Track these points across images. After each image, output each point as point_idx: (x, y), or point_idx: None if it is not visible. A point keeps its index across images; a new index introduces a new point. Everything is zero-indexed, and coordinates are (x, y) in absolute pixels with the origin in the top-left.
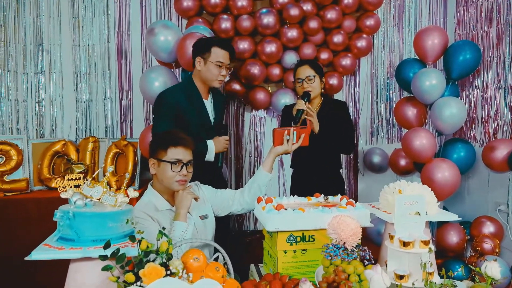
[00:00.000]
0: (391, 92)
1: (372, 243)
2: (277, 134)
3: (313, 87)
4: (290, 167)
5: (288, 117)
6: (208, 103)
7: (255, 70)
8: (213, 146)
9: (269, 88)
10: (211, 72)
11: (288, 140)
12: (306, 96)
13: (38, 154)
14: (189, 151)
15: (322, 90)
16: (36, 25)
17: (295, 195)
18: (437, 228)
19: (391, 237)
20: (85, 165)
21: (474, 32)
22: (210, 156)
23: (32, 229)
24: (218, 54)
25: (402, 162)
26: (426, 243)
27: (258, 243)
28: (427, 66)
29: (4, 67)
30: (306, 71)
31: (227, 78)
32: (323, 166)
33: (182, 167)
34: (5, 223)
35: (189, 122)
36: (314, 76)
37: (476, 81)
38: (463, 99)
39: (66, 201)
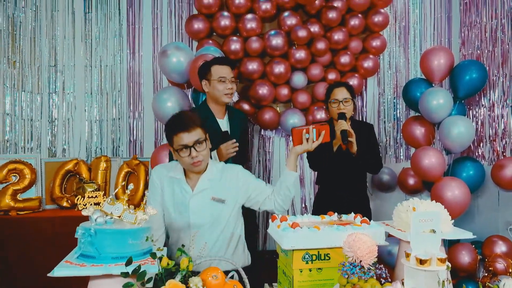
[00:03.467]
0: (398, 111)
1: (383, 263)
2: (295, 133)
3: (348, 110)
4: (316, 183)
5: None
6: (224, 122)
7: (264, 90)
8: (215, 155)
9: (278, 108)
10: (217, 89)
11: (307, 139)
12: (343, 117)
13: (50, 173)
14: (192, 132)
15: (353, 113)
16: (51, 46)
17: (318, 212)
18: (449, 247)
19: (407, 255)
20: (97, 184)
21: (479, 51)
22: None
23: (44, 247)
24: (218, 70)
25: (411, 181)
26: (443, 260)
27: (267, 264)
28: (433, 85)
29: (18, 87)
30: (343, 93)
31: (235, 98)
32: (350, 185)
33: (190, 150)
34: (18, 242)
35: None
36: (350, 99)
37: (482, 100)
38: (470, 118)
39: (76, 220)
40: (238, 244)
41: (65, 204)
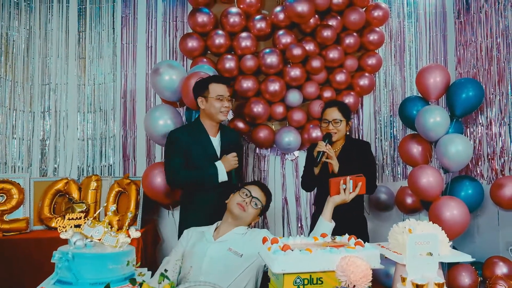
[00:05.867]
0: (394, 129)
1: (380, 285)
2: (333, 183)
3: (338, 130)
4: (313, 204)
5: (312, 155)
6: (216, 140)
7: (259, 108)
8: (222, 165)
9: (273, 126)
10: (214, 107)
11: (344, 189)
12: (327, 138)
13: (40, 192)
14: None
15: (347, 133)
16: (44, 65)
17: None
18: (448, 269)
19: (403, 279)
20: (87, 204)
21: (475, 70)
22: (223, 177)
23: (30, 271)
24: (216, 89)
25: (409, 200)
26: (440, 285)
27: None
28: (430, 103)
29: (10, 106)
30: (333, 114)
31: (230, 116)
32: (346, 205)
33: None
34: (3, 264)
35: (195, 157)
36: (341, 120)
37: (479, 118)
38: (468, 136)
39: (66, 241)
40: None
41: (53, 224)
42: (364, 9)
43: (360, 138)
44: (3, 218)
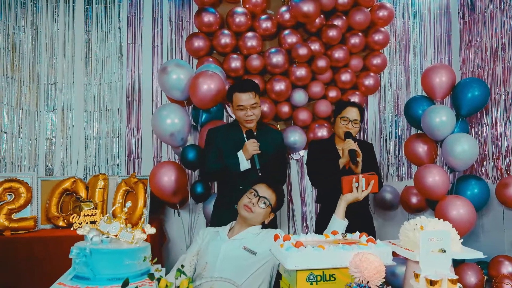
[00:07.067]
0: (399, 129)
1: (387, 284)
2: (345, 181)
3: (355, 131)
4: (316, 202)
5: (317, 152)
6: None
7: (265, 108)
8: (242, 154)
9: (278, 126)
10: (238, 115)
11: (357, 187)
12: (350, 136)
13: (47, 191)
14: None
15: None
16: (50, 65)
17: (320, 231)
18: (454, 268)
19: (416, 276)
20: (94, 203)
21: (480, 70)
22: (244, 165)
23: (38, 269)
24: (238, 98)
25: (414, 199)
26: (454, 281)
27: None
28: (435, 103)
29: (17, 105)
30: (355, 114)
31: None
32: (353, 203)
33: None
34: (12, 263)
35: (227, 153)
36: (359, 121)
37: (484, 118)
38: (473, 136)
39: (73, 240)
40: None
41: (61, 223)
42: (369, 9)
43: (365, 138)
44: (11, 216)
